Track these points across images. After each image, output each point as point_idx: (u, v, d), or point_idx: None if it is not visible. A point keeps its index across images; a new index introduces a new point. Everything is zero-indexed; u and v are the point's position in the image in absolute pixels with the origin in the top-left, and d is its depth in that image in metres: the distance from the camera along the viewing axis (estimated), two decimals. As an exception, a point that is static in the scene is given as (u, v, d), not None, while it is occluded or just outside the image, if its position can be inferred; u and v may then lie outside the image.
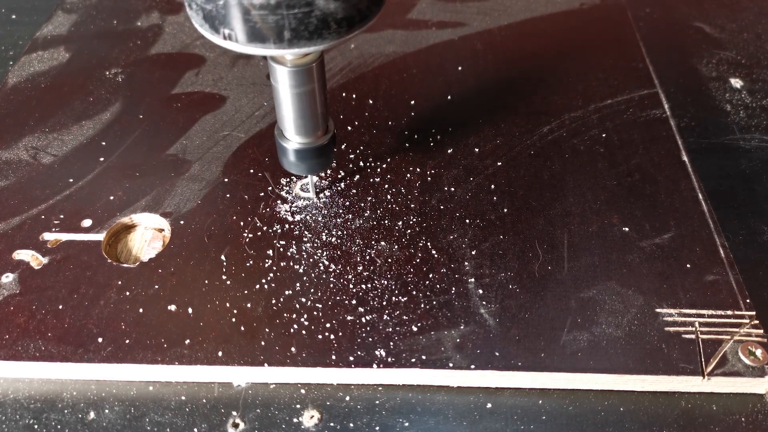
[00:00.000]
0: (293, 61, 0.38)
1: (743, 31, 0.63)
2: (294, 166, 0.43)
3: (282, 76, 0.39)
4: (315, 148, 0.42)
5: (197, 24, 0.36)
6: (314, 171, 0.44)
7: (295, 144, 0.42)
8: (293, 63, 0.38)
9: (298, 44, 0.34)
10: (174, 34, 0.62)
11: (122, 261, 0.43)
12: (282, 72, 0.39)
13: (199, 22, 0.35)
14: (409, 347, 0.38)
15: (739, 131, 0.53)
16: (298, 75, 0.39)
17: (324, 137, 0.42)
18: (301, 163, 0.43)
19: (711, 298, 0.40)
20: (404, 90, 0.55)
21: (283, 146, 0.42)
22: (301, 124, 0.41)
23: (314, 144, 0.42)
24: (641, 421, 0.37)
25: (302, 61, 0.38)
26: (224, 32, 0.34)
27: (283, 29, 0.33)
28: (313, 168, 0.43)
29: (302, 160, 0.43)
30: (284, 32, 0.34)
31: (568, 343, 0.38)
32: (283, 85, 0.39)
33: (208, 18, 0.34)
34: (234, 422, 0.37)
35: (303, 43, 0.34)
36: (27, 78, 0.57)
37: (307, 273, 0.42)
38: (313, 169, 0.44)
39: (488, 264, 0.42)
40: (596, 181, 0.47)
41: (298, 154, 0.42)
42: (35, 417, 0.37)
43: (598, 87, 0.55)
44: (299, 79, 0.39)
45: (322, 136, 0.42)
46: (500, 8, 0.64)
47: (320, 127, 0.42)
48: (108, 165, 0.49)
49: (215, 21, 0.34)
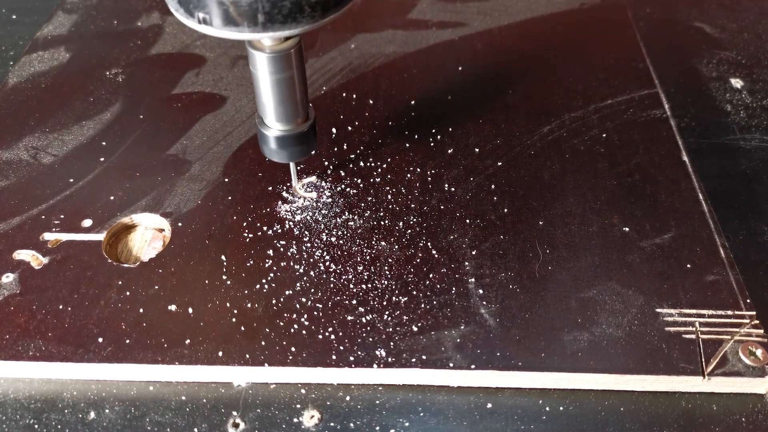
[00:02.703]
0: (271, 46, 0.38)
1: (743, 31, 0.63)
2: (275, 154, 0.43)
3: (261, 62, 0.39)
4: (295, 135, 0.42)
5: (173, 8, 0.36)
6: (295, 158, 0.44)
7: (275, 131, 0.42)
8: (271, 49, 0.38)
9: (272, 28, 0.34)
10: (174, 34, 0.62)
11: (122, 261, 0.43)
12: (261, 58, 0.39)
13: (174, 6, 0.35)
14: (409, 347, 0.38)
15: (739, 131, 0.53)
16: (277, 61, 0.39)
17: (304, 124, 0.42)
18: (281, 150, 0.43)
19: (711, 298, 0.40)
20: (404, 90, 0.55)
21: (263, 133, 0.42)
22: (280, 111, 0.41)
23: (294, 131, 0.42)
24: (641, 421, 0.37)
25: (280, 46, 0.38)
26: (199, 16, 0.34)
27: (256, 12, 0.34)
28: (293, 155, 0.43)
29: (283, 148, 0.43)
30: (258, 15, 0.34)
31: (568, 343, 0.38)
32: (262, 71, 0.39)
33: (183, 2, 0.34)
34: (234, 422, 0.37)
35: (277, 27, 0.34)
36: (27, 78, 0.57)
37: (307, 273, 0.42)
38: (293, 156, 0.44)
39: (488, 264, 0.42)
40: (596, 181, 0.47)
41: (278, 141, 0.42)
42: (35, 417, 0.37)
43: (598, 87, 0.55)
44: (277, 65, 0.39)
45: (302, 123, 0.42)
46: (500, 8, 0.64)
47: (300, 114, 0.42)
48: (108, 165, 0.49)
49: (190, 5, 0.34)
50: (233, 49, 0.60)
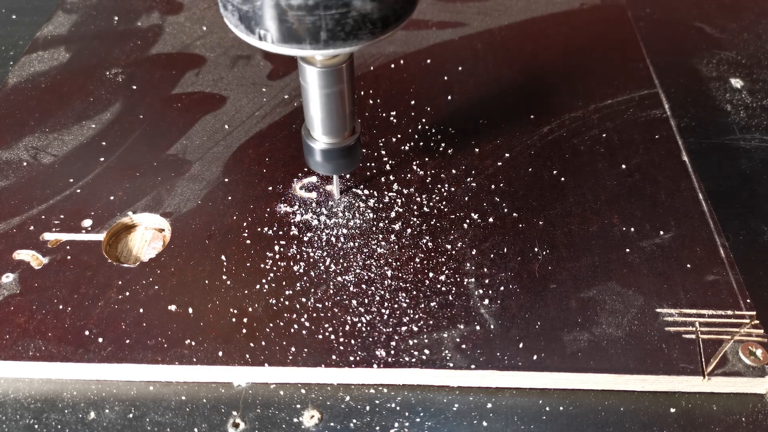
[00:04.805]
0: (323, 61, 0.38)
1: (743, 31, 0.63)
2: (320, 166, 0.43)
3: (312, 76, 0.39)
4: (341, 148, 0.42)
5: (232, 25, 0.36)
6: (340, 171, 0.44)
7: (322, 144, 0.42)
8: (323, 64, 0.38)
9: (334, 45, 0.34)
10: (174, 34, 0.62)
11: (122, 261, 0.43)
12: (312, 72, 0.39)
13: (234, 23, 0.35)
14: (409, 347, 0.38)
15: (739, 131, 0.53)
16: (328, 76, 0.39)
17: (350, 138, 0.42)
18: (327, 163, 0.43)
19: (711, 298, 0.40)
20: (404, 90, 0.55)
21: (309, 146, 0.43)
22: (328, 124, 0.41)
23: (341, 144, 0.42)
24: (641, 421, 0.37)
25: (332, 62, 0.38)
26: (260, 33, 0.34)
27: (319, 30, 0.33)
28: (338, 168, 0.44)
29: (328, 160, 0.43)
30: (321, 33, 0.34)
31: (568, 343, 0.38)
32: (313, 85, 0.39)
33: (244, 19, 0.34)
34: (234, 422, 0.37)
35: (339, 43, 0.34)
36: (27, 78, 0.57)
37: (307, 273, 0.42)
38: (338, 169, 0.44)
39: (488, 264, 0.42)
40: (596, 181, 0.47)
41: (324, 154, 0.42)
42: (35, 417, 0.37)
43: (598, 87, 0.55)
44: (329, 79, 0.39)
45: (348, 137, 0.42)
46: (500, 8, 0.64)
47: (347, 127, 0.42)
48: (108, 165, 0.49)
49: (251, 22, 0.34)
50: (233, 49, 0.60)
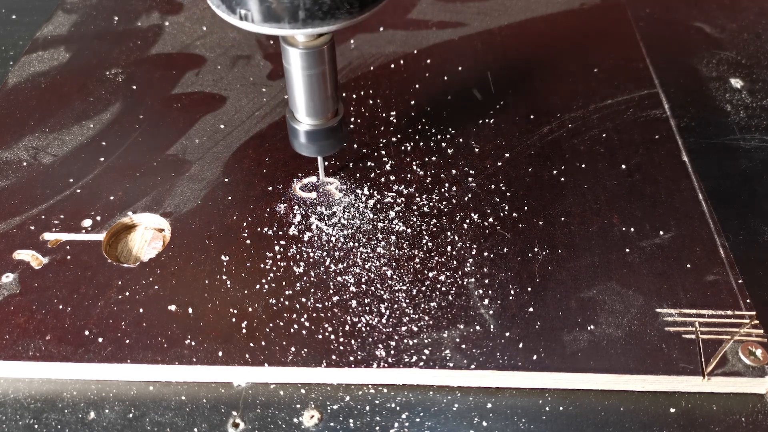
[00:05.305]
0: (305, 42, 0.39)
1: (743, 31, 0.63)
2: (304, 148, 0.44)
3: (294, 57, 0.40)
4: (325, 129, 0.43)
5: (213, 5, 0.37)
6: (324, 152, 0.45)
7: (305, 125, 0.43)
8: (305, 45, 0.39)
9: (312, 24, 0.35)
10: (174, 34, 0.62)
11: (122, 261, 0.43)
12: (294, 54, 0.39)
13: (215, 3, 0.36)
14: (409, 347, 0.38)
15: (739, 131, 0.53)
16: (310, 57, 0.39)
17: (334, 119, 0.43)
18: (311, 144, 0.44)
19: (711, 298, 0.40)
20: (404, 90, 0.55)
21: (294, 128, 0.43)
22: (311, 105, 0.42)
23: (324, 125, 0.43)
24: (641, 421, 0.37)
25: (314, 42, 0.39)
26: (240, 12, 0.35)
27: (298, 9, 0.34)
28: (322, 149, 0.44)
29: (312, 142, 0.43)
30: (299, 12, 0.35)
31: (568, 343, 0.38)
32: (295, 66, 0.40)
33: None
34: (234, 422, 0.37)
35: (317, 23, 0.35)
36: (27, 78, 0.57)
37: (307, 273, 0.42)
38: (322, 150, 0.44)
39: (488, 264, 0.42)
40: (596, 181, 0.47)
41: (308, 135, 0.43)
42: (35, 417, 0.37)
43: (598, 87, 0.55)
44: (311, 61, 0.40)
45: (332, 118, 0.43)
46: (500, 8, 0.64)
47: (330, 108, 0.42)
48: (108, 165, 0.49)
49: (232, 2, 0.35)
50: (233, 49, 0.60)
